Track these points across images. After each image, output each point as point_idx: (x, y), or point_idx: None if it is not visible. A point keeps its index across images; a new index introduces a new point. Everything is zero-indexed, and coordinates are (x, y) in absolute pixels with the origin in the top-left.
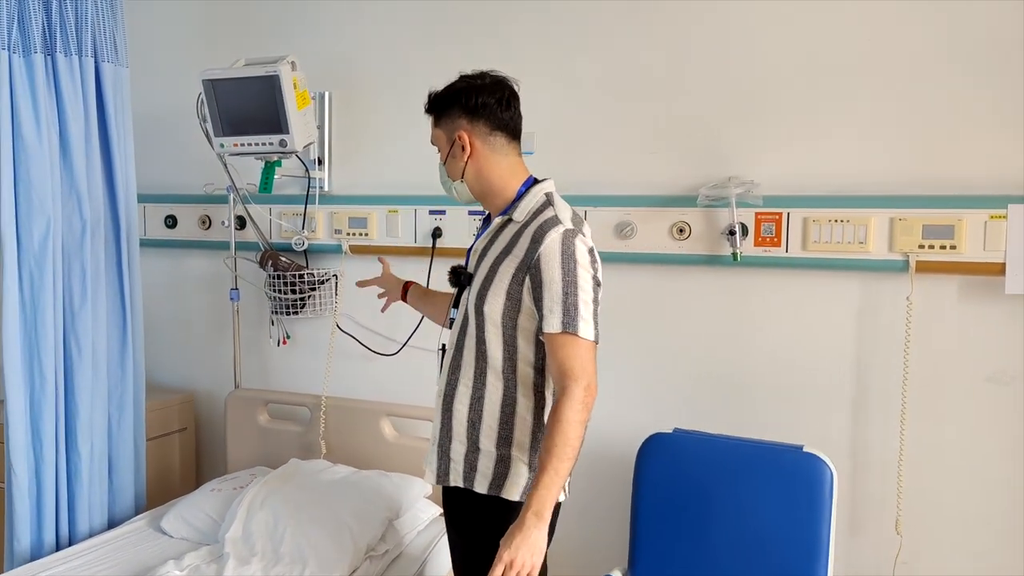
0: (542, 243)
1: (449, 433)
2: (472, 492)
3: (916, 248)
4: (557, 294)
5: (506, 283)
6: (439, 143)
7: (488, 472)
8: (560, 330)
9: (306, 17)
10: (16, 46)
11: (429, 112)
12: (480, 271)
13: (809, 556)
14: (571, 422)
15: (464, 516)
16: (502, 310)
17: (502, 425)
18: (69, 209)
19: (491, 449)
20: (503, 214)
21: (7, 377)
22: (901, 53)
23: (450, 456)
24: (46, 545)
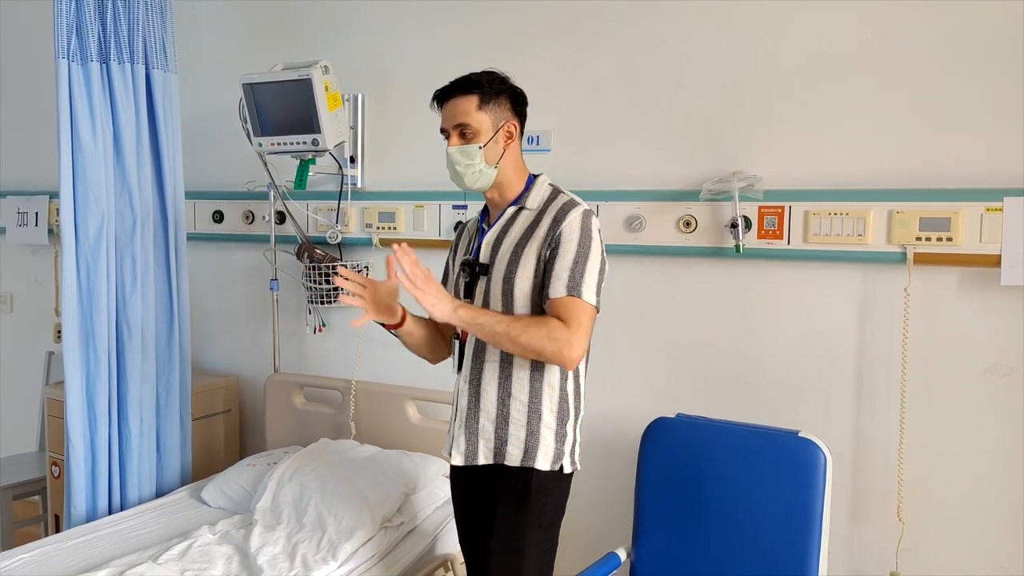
0: (564, 220)
1: (477, 414)
2: (503, 467)
3: (913, 240)
4: (568, 262)
5: (532, 262)
6: (480, 126)
7: (520, 444)
8: (565, 294)
9: (341, 24)
10: (75, 55)
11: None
12: (500, 256)
13: (803, 538)
14: (541, 339)
15: (494, 491)
16: (530, 286)
17: (532, 398)
18: (121, 204)
19: (522, 422)
20: (514, 204)
21: (66, 357)
22: (899, 49)
23: (479, 435)
24: (99, 510)
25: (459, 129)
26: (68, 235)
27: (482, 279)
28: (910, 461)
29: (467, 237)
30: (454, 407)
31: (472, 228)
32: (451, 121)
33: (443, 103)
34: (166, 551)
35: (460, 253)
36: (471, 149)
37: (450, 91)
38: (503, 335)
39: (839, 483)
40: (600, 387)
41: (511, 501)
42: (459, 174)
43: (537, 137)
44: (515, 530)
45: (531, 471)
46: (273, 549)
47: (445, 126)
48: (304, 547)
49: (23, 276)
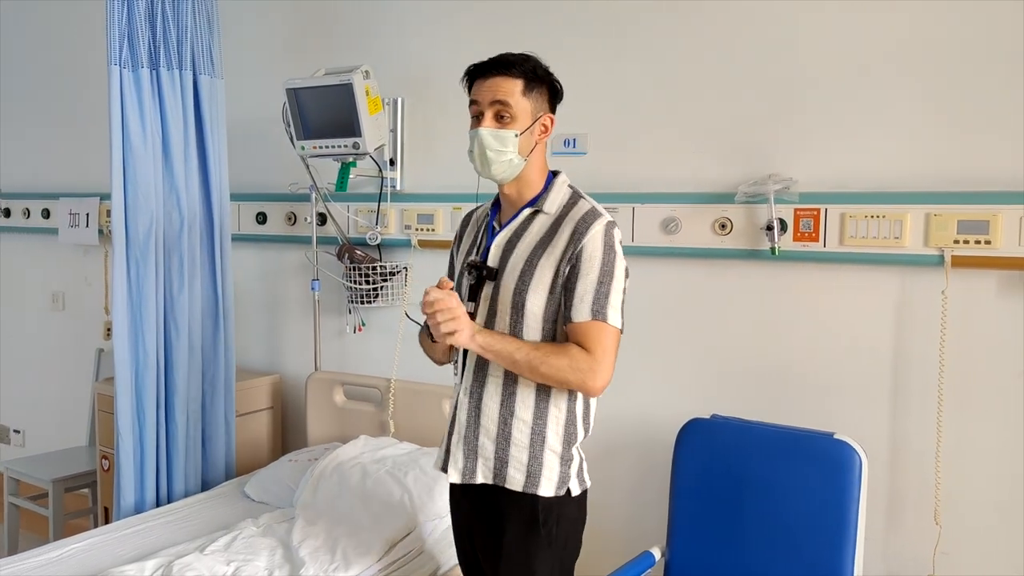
0: (586, 235)
1: (477, 431)
2: (503, 489)
3: (951, 243)
4: (592, 283)
5: (548, 278)
6: (520, 111)
7: (522, 468)
8: (589, 318)
9: (382, 29)
10: (126, 62)
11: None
12: (511, 265)
13: (838, 540)
14: (562, 369)
15: (499, 513)
16: (544, 305)
17: (536, 419)
18: (169, 206)
19: (524, 444)
20: (530, 205)
21: (116, 354)
22: (937, 50)
23: (477, 453)
24: (147, 502)
25: (496, 109)
26: (119, 236)
27: (488, 284)
28: (947, 464)
29: (474, 230)
30: (451, 419)
31: (481, 222)
32: (489, 97)
33: (479, 79)
34: (212, 542)
35: (465, 247)
36: (506, 135)
37: (491, 68)
38: (524, 364)
39: (875, 485)
40: (635, 387)
41: (519, 525)
42: (488, 160)
43: (573, 140)
44: (525, 555)
45: (536, 497)
46: (314, 543)
47: (480, 102)
48: (344, 541)
49: (74, 276)
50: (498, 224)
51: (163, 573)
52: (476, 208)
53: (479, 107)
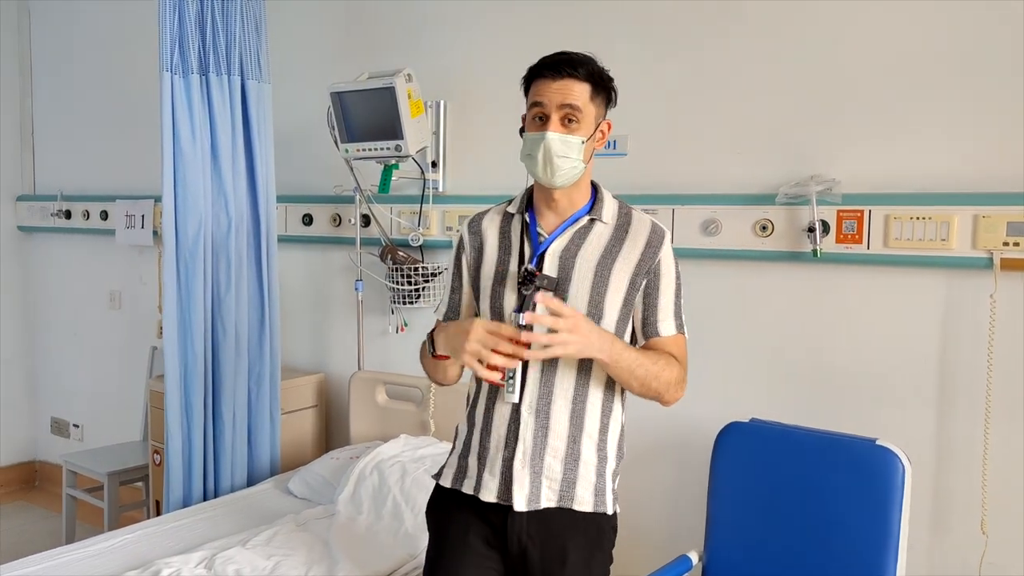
0: (661, 248)
1: (543, 451)
2: (569, 511)
3: (1000, 245)
4: (672, 296)
5: (623, 287)
6: (587, 117)
7: (590, 487)
8: (676, 332)
9: (426, 33)
10: (177, 68)
11: (587, 80)
12: (579, 275)
13: (880, 548)
14: (668, 383)
15: (557, 535)
16: (619, 313)
17: (601, 434)
18: (217, 209)
19: (592, 462)
20: (583, 213)
21: (166, 352)
22: (984, 49)
23: (543, 475)
24: (195, 496)
25: (566, 113)
26: (169, 237)
27: (545, 294)
28: (994, 473)
29: (499, 237)
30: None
31: (508, 228)
32: (559, 99)
33: (544, 79)
34: (254, 536)
35: (491, 256)
36: (574, 140)
37: (560, 68)
38: (641, 377)
39: (920, 492)
40: None
41: (583, 547)
42: (554, 166)
43: (614, 142)
44: (590, 573)
45: (603, 516)
46: (352, 540)
47: (546, 105)
48: (383, 538)
49: (130, 275)
50: (544, 231)
51: (206, 565)
52: (483, 214)
53: (544, 109)
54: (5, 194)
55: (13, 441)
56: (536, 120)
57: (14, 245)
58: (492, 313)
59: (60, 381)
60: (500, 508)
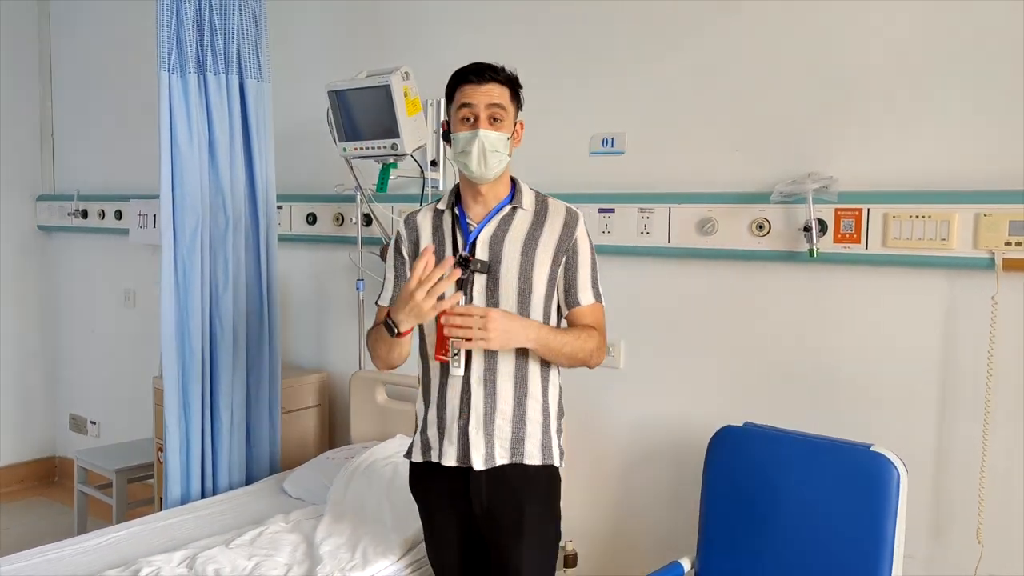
0: (576, 228)
1: (493, 415)
2: (521, 466)
3: (1002, 245)
4: (589, 270)
5: (547, 264)
6: (508, 117)
7: (537, 443)
8: (594, 301)
9: (427, 32)
10: (175, 67)
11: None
12: (508, 256)
13: (873, 556)
14: (590, 351)
15: (515, 490)
16: (545, 287)
17: (543, 396)
18: (215, 207)
19: (538, 420)
20: (506, 203)
21: (163, 350)
22: (984, 45)
23: (495, 436)
24: (193, 494)
25: (492, 112)
26: (167, 236)
27: (479, 277)
28: (992, 480)
29: (432, 231)
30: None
31: (445, 223)
32: (486, 100)
33: (471, 84)
34: (239, 536)
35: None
36: (502, 138)
37: (484, 74)
38: (568, 353)
39: (919, 499)
40: (669, 392)
41: (537, 498)
42: (486, 161)
43: (611, 139)
44: (546, 525)
45: (551, 468)
46: (338, 540)
47: (475, 106)
48: (367, 540)
49: (144, 274)
50: (473, 221)
51: (188, 564)
52: (416, 212)
53: (474, 110)
54: (26, 194)
55: (33, 437)
56: (465, 121)
57: (34, 244)
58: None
59: (78, 378)
60: (461, 471)
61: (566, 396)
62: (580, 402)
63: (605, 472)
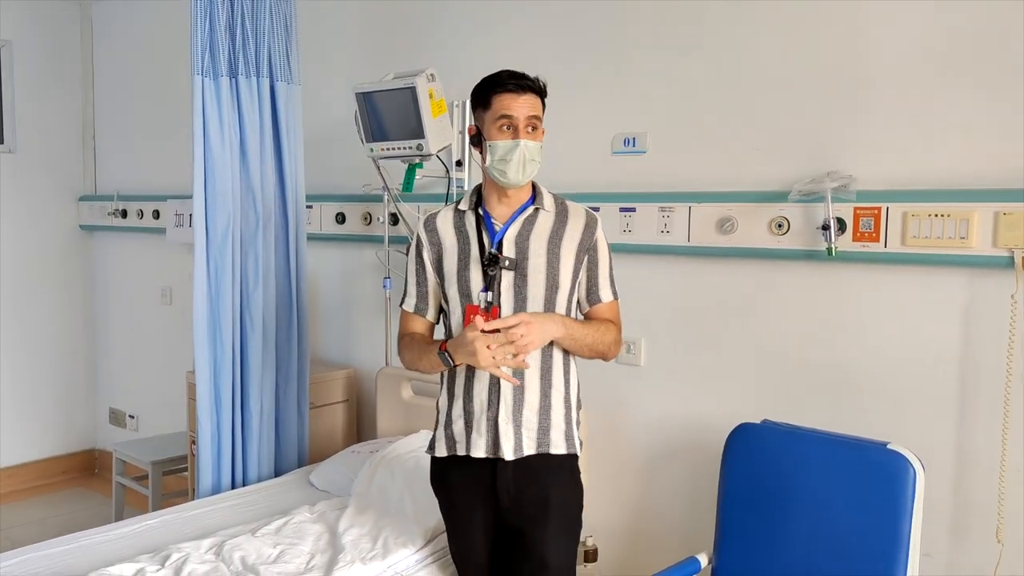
0: (596, 228)
1: (522, 406)
2: (546, 456)
3: (1022, 244)
4: (608, 268)
5: (571, 261)
6: (541, 125)
7: (561, 432)
8: (612, 298)
9: (453, 34)
10: (207, 71)
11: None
12: (534, 254)
13: (889, 553)
14: (609, 344)
15: (540, 477)
16: (570, 283)
17: (565, 387)
18: (246, 206)
19: (561, 411)
20: (530, 204)
21: (196, 344)
22: (1005, 44)
23: (523, 426)
24: (223, 485)
25: (532, 123)
26: (199, 234)
27: (506, 274)
28: (1012, 480)
29: (454, 232)
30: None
31: (468, 223)
32: (527, 113)
33: (510, 94)
34: (265, 526)
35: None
36: (539, 147)
37: (523, 85)
38: (590, 345)
39: (939, 499)
40: (689, 389)
41: (562, 486)
42: (526, 169)
43: (633, 139)
44: (572, 510)
45: (574, 457)
46: (360, 530)
47: (515, 117)
48: (388, 530)
49: (181, 272)
50: (498, 221)
51: (215, 551)
52: (435, 214)
53: (513, 120)
54: (69, 195)
55: (75, 430)
56: (504, 130)
57: (77, 243)
58: (460, 295)
59: (117, 373)
60: (489, 462)
61: (588, 393)
62: (602, 399)
63: (626, 468)
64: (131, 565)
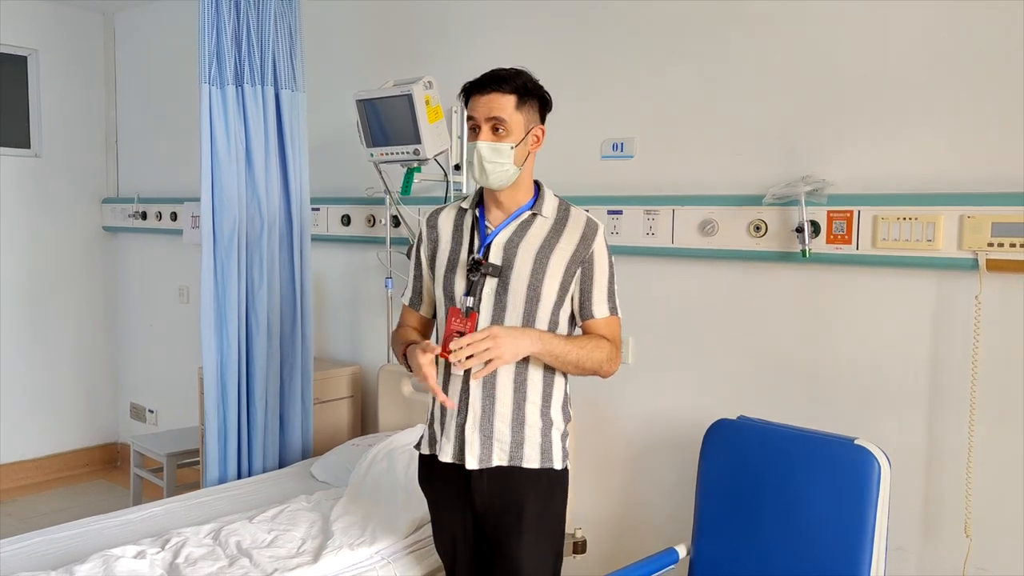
0: (594, 240)
1: (492, 417)
2: (520, 469)
3: (985, 246)
4: (606, 282)
5: (560, 273)
6: (514, 126)
7: (536, 447)
8: (609, 314)
9: (453, 42)
10: (214, 79)
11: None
12: (520, 262)
13: (855, 546)
14: (599, 361)
15: (514, 490)
16: (556, 295)
17: (544, 401)
18: (251, 210)
19: (537, 425)
20: (527, 208)
21: (203, 341)
22: (970, 51)
23: (492, 438)
24: (229, 475)
25: (492, 124)
26: (207, 235)
27: (490, 280)
28: (979, 475)
29: (450, 231)
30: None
31: (460, 222)
32: (485, 114)
33: (475, 95)
34: (262, 513)
35: (444, 247)
36: (503, 147)
37: (486, 85)
38: (573, 361)
39: (910, 494)
40: (670, 387)
41: (537, 500)
42: (485, 171)
43: (621, 144)
44: (544, 526)
45: (552, 471)
46: (351, 518)
47: (476, 118)
48: (378, 519)
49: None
50: (491, 224)
51: (213, 536)
52: (440, 209)
53: (476, 121)
54: (92, 197)
55: (97, 424)
56: (472, 132)
57: (100, 244)
58: (445, 297)
59: (137, 369)
60: (461, 468)
61: (580, 391)
62: (591, 396)
63: (613, 462)
64: (133, 547)
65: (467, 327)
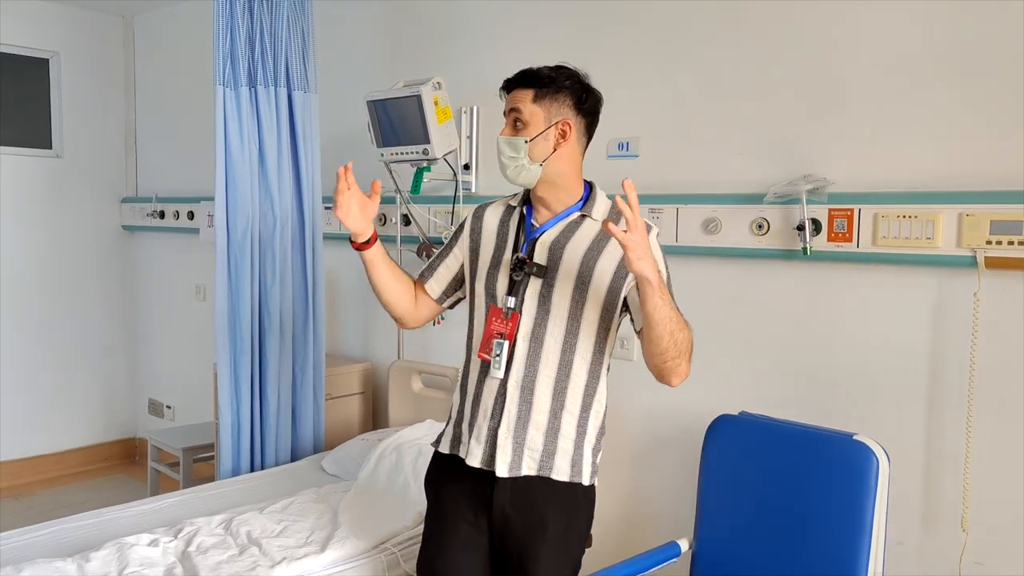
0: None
1: (527, 423)
2: (547, 480)
3: (984, 244)
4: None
5: (607, 278)
6: (532, 118)
7: (568, 459)
8: None
9: (464, 44)
10: (228, 81)
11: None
12: (566, 264)
13: (853, 540)
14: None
15: (538, 501)
16: (603, 303)
17: (582, 412)
18: (264, 208)
19: (571, 436)
20: (575, 210)
21: (217, 337)
22: (970, 50)
23: (525, 445)
24: (243, 469)
25: (513, 117)
26: (221, 234)
27: (534, 281)
28: (976, 470)
29: (497, 226)
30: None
31: (507, 219)
32: (507, 108)
33: (505, 92)
34: (273, 504)
35: (488, 242)
36: (517, 141)
37: (512, 81)
38: (675, 320)
39: (910, 489)
40: None
41: (562, 513)
42: (502, 164)
43: (627, 143)
44: (568, 541)
45: (579, 486)
46: (357, 511)
47: (505, 112)
48: (384, 512)
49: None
50: (537, 223)
51: (224, 526)
52: (488, 204)
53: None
54: (112, 197)
55: (117, 419)
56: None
57: (119, 243)
58: (486, 295)
59: (155, 366)
60: (486, 475)
61: None
62: None
63: (617, 458)
64: (147, 535)
65: (508, 328)
